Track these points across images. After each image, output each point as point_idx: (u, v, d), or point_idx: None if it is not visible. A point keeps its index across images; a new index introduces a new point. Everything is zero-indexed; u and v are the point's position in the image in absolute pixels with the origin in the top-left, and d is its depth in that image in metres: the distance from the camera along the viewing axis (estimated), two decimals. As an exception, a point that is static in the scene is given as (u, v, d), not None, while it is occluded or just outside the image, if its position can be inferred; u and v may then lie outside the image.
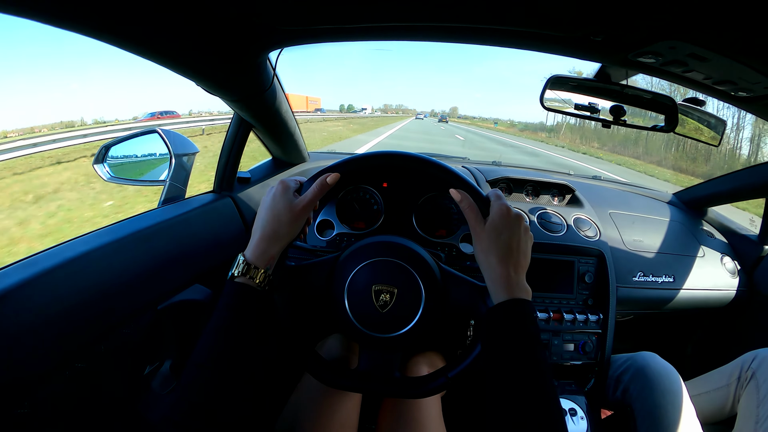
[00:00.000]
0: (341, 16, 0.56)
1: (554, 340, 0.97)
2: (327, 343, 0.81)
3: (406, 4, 0.51)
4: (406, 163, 0.64)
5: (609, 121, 0.87)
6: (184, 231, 0.82)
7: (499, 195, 0.58)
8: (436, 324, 0.59)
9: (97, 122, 15.22)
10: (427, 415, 0.71)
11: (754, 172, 1.20)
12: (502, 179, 1.16)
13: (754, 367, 0.92)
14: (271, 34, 0.61)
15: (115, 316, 0.64)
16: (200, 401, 0.45)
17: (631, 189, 1.51)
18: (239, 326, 0.50)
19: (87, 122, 17.31)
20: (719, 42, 0.53)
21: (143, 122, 16.05)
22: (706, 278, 1.17)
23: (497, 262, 0.52)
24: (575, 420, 0.91)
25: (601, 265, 1.03)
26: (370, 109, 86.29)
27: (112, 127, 10.22)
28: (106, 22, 0.46)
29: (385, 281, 0.57)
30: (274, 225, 0.55)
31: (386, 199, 0.99)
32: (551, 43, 0.61)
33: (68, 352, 0.57)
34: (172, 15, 0.50)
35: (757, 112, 0.80)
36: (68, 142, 8.05)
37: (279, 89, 0.86)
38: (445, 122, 48.51)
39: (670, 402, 0.85)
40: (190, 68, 0.63)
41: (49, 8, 0.41)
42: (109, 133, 8.77)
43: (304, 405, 0.69)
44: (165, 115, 17.79)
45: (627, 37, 0.54)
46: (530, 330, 0.48)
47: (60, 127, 16.12)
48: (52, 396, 0.55)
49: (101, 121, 15.25)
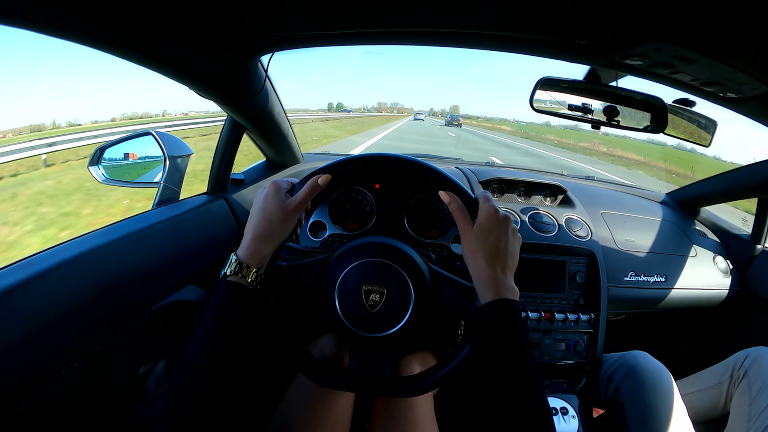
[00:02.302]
0: (329, 23, 0.57)
1: (546, 340, 0.98)
2: (319, 343, 0.81)
3: (394, 11, 0.52)
4: (397, 165, 0.65)
5: (600, 122, 0.88)
6: (178, 232, 0.83)
7: (487, 197, 0.58)
8: (426, 324, 0.60)
9: (71, 125, 12.83)
10: (419, 414, 0.71)
11: (746, 172, 1.21)
12: (494, 180, 1.17)
13: (746, 366, 0.93)
14: (262, 40, 0.62)
15: (110, 316, 0.65)
16: (192, 399, 0.46)
17: (623, 189, 1.52)
18: (231, 324, 0.51)
19: (60, 125, 14.56)
20: (704, 44, 0.53)
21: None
22: (698, 278, 1.18)
23: (485, 263, 0.53)
24: (567, 419, 0.92)
25: (592, 265, 1.04)
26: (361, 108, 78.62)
27: (89, 132, 8.09)
28: (96, 30, 0.47)
29: (375, 281, 0.58)
30: (266, 225, 0.56)
31: (378, 200, 1.00)
32: (538, 47, 0.62)
33: (64, 351, 0.57)
34: (163, 21, 0.51)
35: (747, 112, 0.81)
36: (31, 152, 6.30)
37: (271, 92, 0.87)
38: (456, 125, 31.50)
39: (660, 400, 0.86)
40: (181, 72, 0.64)
41: (41, 16, 0.41)
42: (85, 140, 7.52)
43: (297, 405, 0.69)
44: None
45: (611, 40, 0.55)
46: (517, 330, 0.49)
47: (28, 131, 13.35)
48: (48, 395, 0.56)
49: (75, 123, 13.15)
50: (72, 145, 7.30)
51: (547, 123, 42.04)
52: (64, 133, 7.85)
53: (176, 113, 18.75)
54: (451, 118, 35.15)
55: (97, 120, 18.52)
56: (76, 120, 19.78)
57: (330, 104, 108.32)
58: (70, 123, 13.97)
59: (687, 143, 1.02)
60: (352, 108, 75.15)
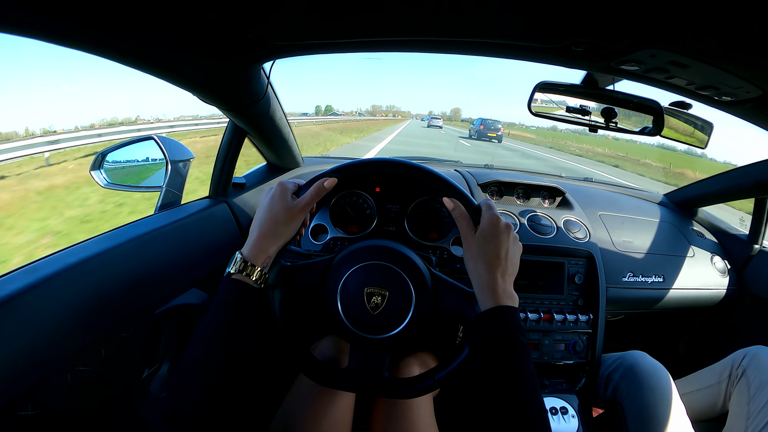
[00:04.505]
0: (332, 32, 0.58)
1: (545, 341, 0.99)
2: (320, 345, 0.82)
3: (395, 20, 0.53)
4: (403, 170, 0.66)
5: (598, 124, 0.89)
6: (181, 236, 0.84)
7: (490, 205, 0.59)
8: (426, 327, 0.60)
9: (46, 131, 11.65)
10: (418, 415, 0.72)
11: (743, 172, 1.22)
12: (493, 182, 1.18)
13: (745, 365, 0.94)
14: (265, 48, 0.63)
15: (115, 320, 0.66)
16: (194, 395, 0.47)
17: (621, 190, 1.53)
18: (235, 321, 0.52)
19: (34, 132, 12.55)
20: (698, 49, 0.54)
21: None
22: (696, 278, 1.19)
23: (485, 269, 0.54)
24: (566, 418, 0.93)
25: (590, 266, 1.05)
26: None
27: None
28: (103, 38, 0.48)
29: (377, 284, 0.59)
30: (272, 225, 0.57)
31: (379, 204, 1.01)
32: (535, 53, 0.63)
33: (70, 355, 0.58)
34: (169, 31, 0.52)
35: (742, 115, 0.82)
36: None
37: (273, 97, 0.88)
38: (493, 139, 19.13)
39: (659, 399, 0.87)
40: (185, 79, 0.65)
41: (50, 26, 0.42)
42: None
43: (299, 405, 0.70)
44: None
45: (606, 46, 0.56)
46: (515, 337, 0.50)
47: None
48: (54, 398, 0.57)
49: (50, 129, 11.68)
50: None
51: (554, 127, 36.86)
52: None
53: (150, 118, 18.06)
54: (484, 125, 19.26)
55: (77, 126, 17.20)
56: (51, 126, 18.52)
57: (318, 107, 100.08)
58: (45, 130, 12.64)
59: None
60: (341, 111, 66.38)
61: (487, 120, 19.79)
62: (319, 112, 73.66)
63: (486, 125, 19.32)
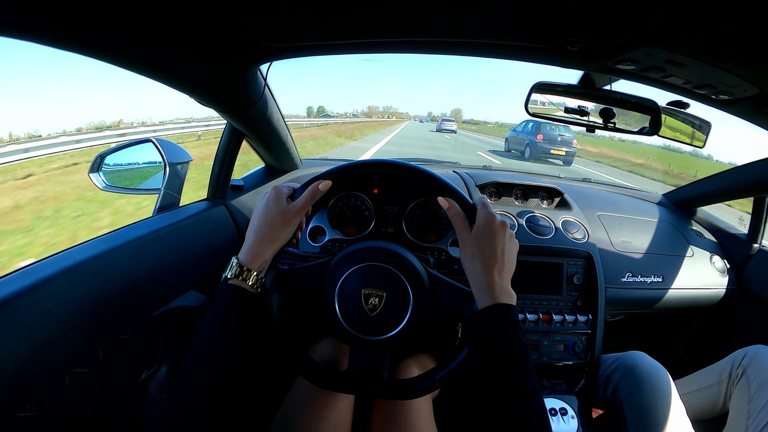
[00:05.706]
0: (328, 34, 0.58)
1: (544, 341, 0.99)
2: (319, 347, 0.82)
3: (391, 22, 0.53)
4: (397, 171, 0.66)
5: (596, 125, 0.89)
6: (179, 239, 0.84)
7: (485, 203, 0.59)
8: (425, 327, 0.60)
9: (32, 136, 10.99)
10: (417, 417, 0.72)
11: (742, 172, 1.22)
12: (491, 183, 1.18)
13: (745, 364, 0.93)
14: (262, 50, 0.63)
15: (113, 322, 0.66)
16: (194, 401, 0.47)
17: (620, 191, 1.53)
18: (232, 327, 0.52)
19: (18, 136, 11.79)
20: (694, 48, 0.54)
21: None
22: (695, 277, 1.18)
23: (482, 268, 0.54)
24: (566, 419, 0.93)
25: (589, 267, 1.04)
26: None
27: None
28: (99, 42, 0.48)
29: (374, 285, 0.59)
30: (267, 229, 0.57)
31: (377, 205, 1.01)
32: (531, 53, 0.63)
33: (68, 357, 0.58)
34: (165, 34, 0.52)
35: (740, 114, 0.82)
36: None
37: (270, 99, 0.88)
38: (563, 158, 10.30)
39: (658, 399, 0.87)
40: (182, 82, 0.65)
41: (45, 29, 0.42)
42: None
43: (298, 407, 0.70)
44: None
45: (602, 46, 0.56)
46: (513, 334, 0.50)
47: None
48: (52, 400, 0.57)
49: (36, 134, 10.97)
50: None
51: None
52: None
53: (133, 122, 17.85)
54: (544, 136, 10.38)
55: (65, 130, 16.78)
56: (36, 131, 18.14)
57: (309, 108, 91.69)
58: (30, 135, 12.07)
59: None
60: (335, 112, 58.65)
61: (552, 128, 10.35)
62: (311, 114, 69.04)
63: (547, 135, 10.51)
